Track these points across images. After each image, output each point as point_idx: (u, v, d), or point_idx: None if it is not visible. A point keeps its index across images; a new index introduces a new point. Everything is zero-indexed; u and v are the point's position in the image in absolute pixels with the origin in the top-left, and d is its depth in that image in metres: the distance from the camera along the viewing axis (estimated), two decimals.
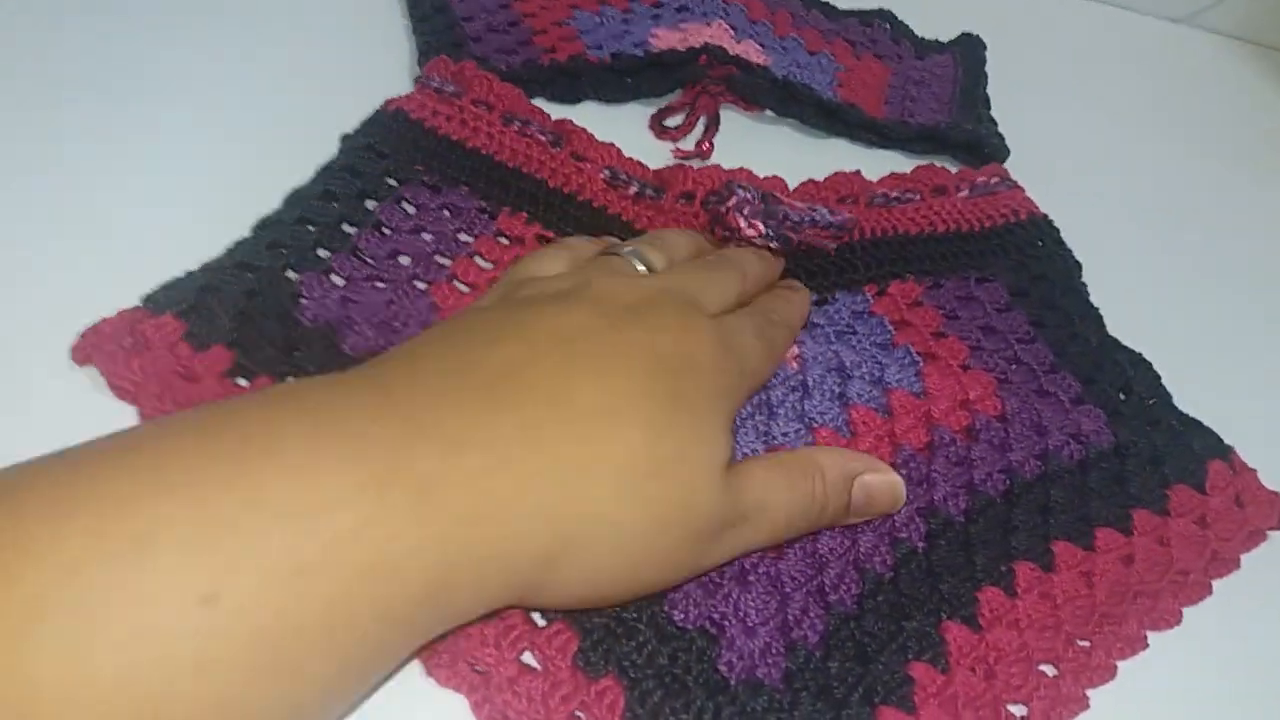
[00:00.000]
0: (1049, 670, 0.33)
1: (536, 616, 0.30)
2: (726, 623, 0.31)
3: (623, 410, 0.28)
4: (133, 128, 0.42)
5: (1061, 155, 0.55)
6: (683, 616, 0.31)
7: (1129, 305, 0.45)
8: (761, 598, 0.31)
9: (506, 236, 0.40)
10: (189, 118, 0.43)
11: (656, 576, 0.29)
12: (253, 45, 0.48)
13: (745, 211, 0.39)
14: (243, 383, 0.33)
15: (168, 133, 0.42)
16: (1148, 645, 0.34)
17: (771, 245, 0.39)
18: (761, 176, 0.45)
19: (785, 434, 0.36)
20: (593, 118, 0.47)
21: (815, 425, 0.36)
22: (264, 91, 0.45)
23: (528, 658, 0.29)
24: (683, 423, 0.29)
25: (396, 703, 0.28)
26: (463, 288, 0.38)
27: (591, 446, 0.27)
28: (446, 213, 0.40)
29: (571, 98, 0.49)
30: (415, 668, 0.29)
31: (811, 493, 0.32)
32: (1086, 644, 0.34)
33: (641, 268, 0.35)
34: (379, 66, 0.48)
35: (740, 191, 0.40)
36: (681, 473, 0.28)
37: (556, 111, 0.46)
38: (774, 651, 0.30)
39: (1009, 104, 0.56)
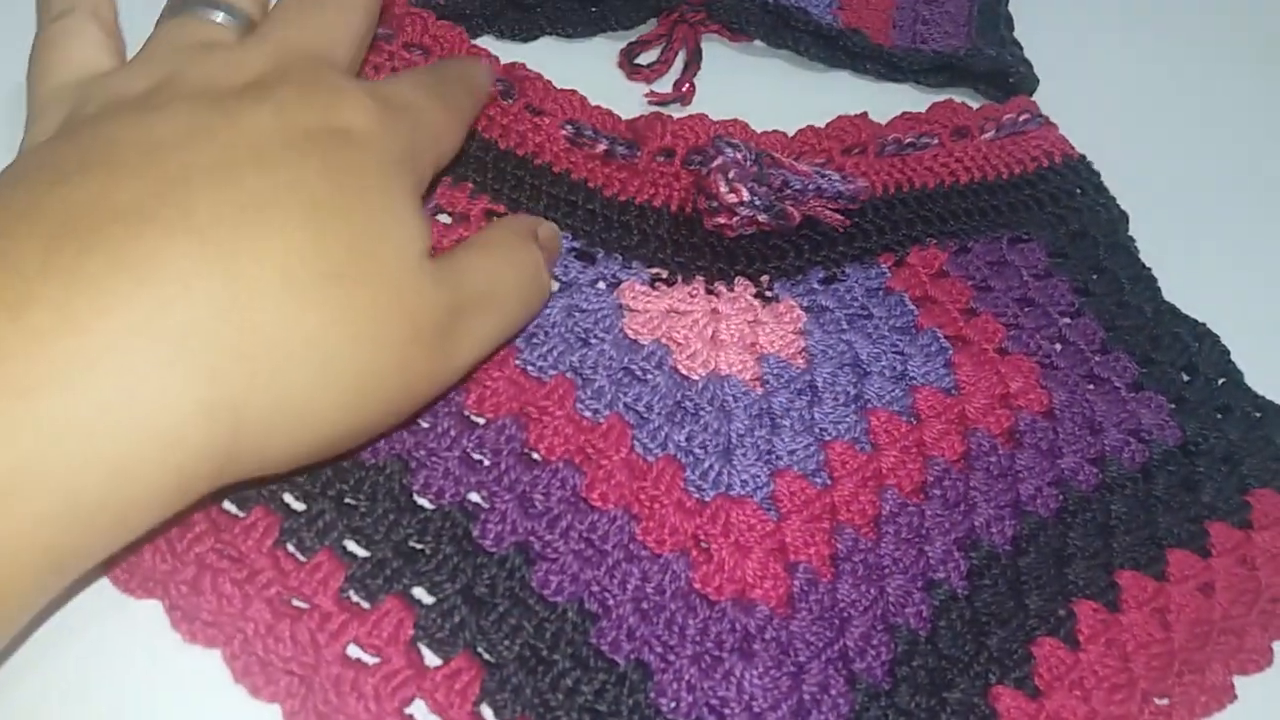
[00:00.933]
0: None
1: (489, 714, 0.24)
2: (728, 710, 0.25)
3: (269, 211, 0.22)
4: None
5: (1100, 83, 0.47)
6: (673, 705, 0.25)
7: (1186, 262, 0.38)
8: (770, 672, 0.25)
9: (448, 213, 0.33)
10: None
11: (397, 395, 0.24)
12: None
13: (730, 174, 0.32)
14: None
15: None
16: (1236, 697, 0.28)
17: (759, 218, 0.33)
18: (757, 129, 0.37)
19: (793, 452, 0.30)
20: (551, 58, 0.39)
21: (828, 439, 0.30)
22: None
23: None
24: (354, 210, 0.23)
25: None
26: None
27: (237, 263, 0.21)
28: None
29: (525, 34, 0.42)
30: None
31: (533, 262, 0.29)
32: (1165, 702, 0.28)
33: (222, 18, 0.27)
34: None
35: (728, 150, 0.33)
36: (371, 269, 0.23)
37: (507, 52, 0.38)
38: None
39: (1036, 23, 0.48)
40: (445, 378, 0.26)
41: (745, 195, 0.33)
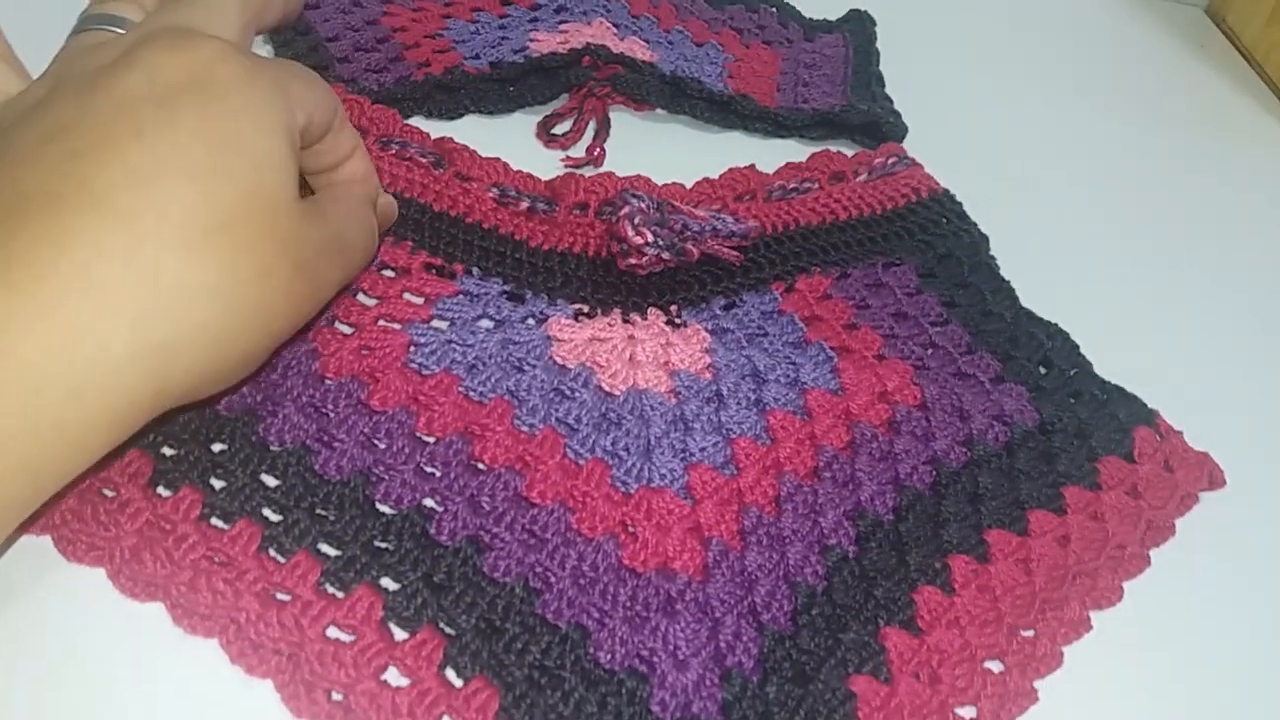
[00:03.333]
0: (995, 666, 0.32)
1: (451, 675, 0.28)
2: (656, 658, 0.29)
3: (156, 173, 0.26)
4: None
5: (959, 127, 0.54)
6: (609, 658, 0.29)
7: (1039, 273, 0.44)
8: (691, 626, 0.30)
9: (390, 268, 0.38)
10: None
11: (286, 319, 0.29)
12: None
13: (636, 220, 0.38)
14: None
15: None
16: (1092, 627, 0.33)
17: (664, 256, 0.38)
18: (659, 182, 0.43)
19: (704, 449, 0.34)
20: (476, 132, 0.45)
21: (733, 436, 0.35)
22: None
23: None
24: (231, 162, 0.27)
25: None
26: (344, 329, 0.35)
27: (132, 224, 0.25)
28: None
29: (451, 113, 0.47)
30: None
31: (370, 221, 0.34)
32: (1031, 633, 0.33)
33: (117, 31, 0.31)
34: None
35: (633, 200, 0.38)
36: (254, 214, 0.27)
37: (437, 129, 0.43)
38: (709, 683, 0.29)
39: (904, 80, 0.55)
40: (314, 305, 0.31)
41: (650, 237, 0.38)
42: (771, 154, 0.48)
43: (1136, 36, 0.69)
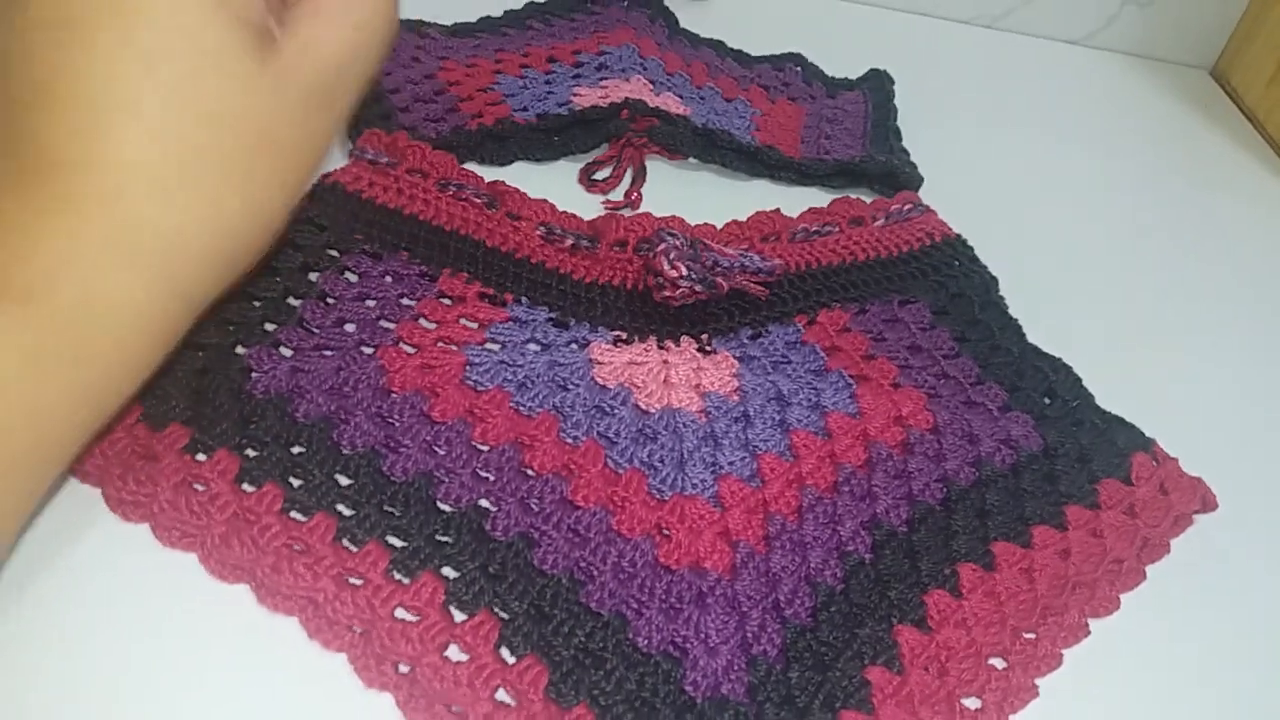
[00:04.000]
0: (999, 663, 0.34)
1: (505, 653, 0.31)
2: (689, 645, 0.32)
3: (100, 126, 0.27)
4: None
5: (972, 177, 0.58)
6: (646, 642, 0.32)
7: (1046, 313, 0.48)
8: (721, 618, 0.33)
9: (449, 297, 0.42)
10: None
11: (286, 193, 0.31)
12: None
13: (671, 256, 0.41)
14: (201, 458, 0.34)
15: None
16: (1090, 632, 0.36)
17: (696, 289, 0.41)
18: (692, 223, 0.47)
19: (732, 462, 0.38)
20: (524, 177, 0.49)
21: (759, 451, 0.38)
22: None
23: (502, 694, 0.30)
24: (189, 74, 0.28)
25: None
26: (408, 349, 0.39)
27: (106, 178, 0.27)
28: (389, 278, 0.42)
29: (502, 160, 0.51)
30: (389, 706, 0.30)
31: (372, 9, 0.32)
32: (1032, 636, 0.35)
33: None
34: None
35: (669, 238, 0.42)
36: (222, 116, 0.28)
37: (489, 174, 0.47)
38: (736, 667, 0.32)
39: (920, 133, 0.59)
40: (315, 160, 0.31)
41: (684, 271, 0.41)
42: (795, 200, 0.52)
43: (1143, 97, 0.73)
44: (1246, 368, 0.50)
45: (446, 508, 0.34)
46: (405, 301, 0.41)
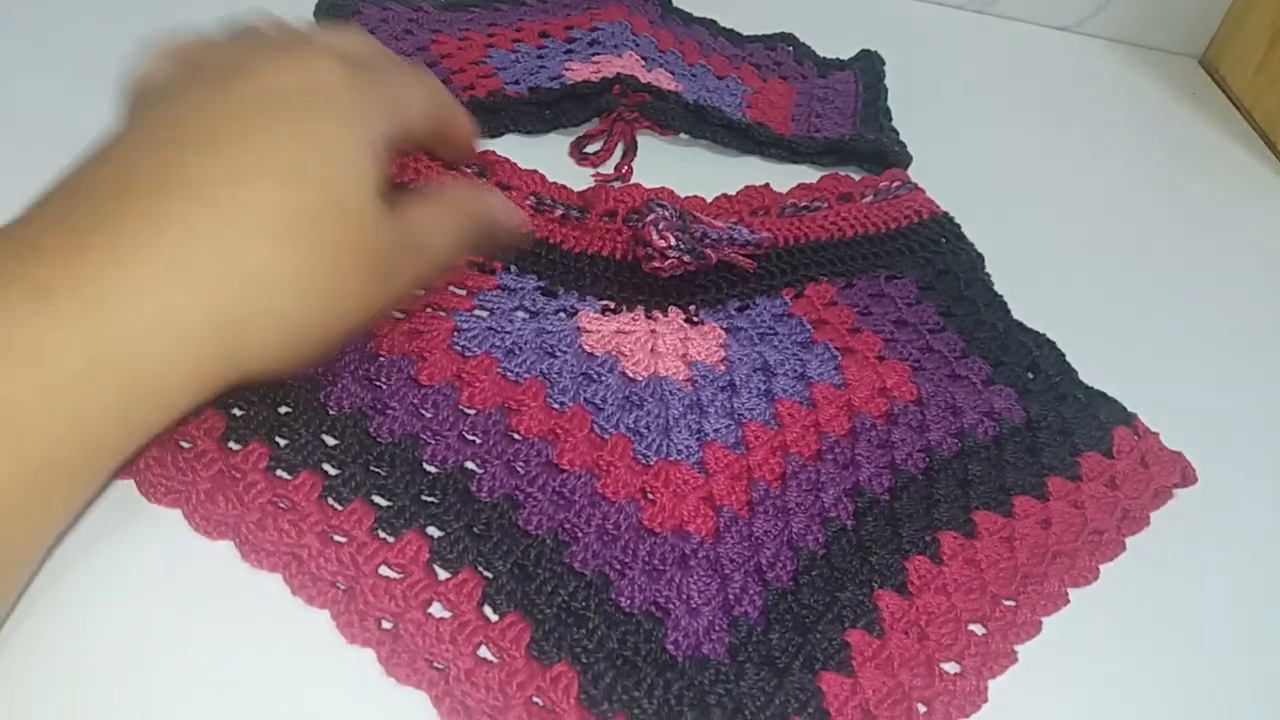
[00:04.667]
0: (978, 629, 0.35)
1: (488, 611, 0.31)
2: (671, 605, 0.32)
3: (251, 173, 0.29)
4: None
5: (960, 157, 0.58)
6: (629, 602, 0.32)
7: (1031, 290, 0.48)
8: (703, 580, 0.33)
9: None
10: None
11: (352, 313, 0.32)
12: None
13: (660, 226, 0.41)
14: (188, 416, 0.34)
15: None
16: (1069, 601, 0.36)
17: (685, 259, 0.41)
18: (681, 196, 0.47)
19: (717, 429, 0.38)
20: (515, 149, 0.49)
21: (744, 420, 0.38)
22: None
23: (484, 652, 0.31)
24: (320, 164, 0.30)
25: (358, 701, 0.29)
26: (397, 314, 0.39)
27: (224, 214, 0.28)
28: None
29: (493, 131, 0.51)
30: (373, 668, 0.30)
31: (457, 230, 0.36)
32: (1012, 603, 0.36)
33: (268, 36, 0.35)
34: None
35: (658, 209, 0.42)
36: (336, 212, 0.30)
37: (480, 145, 0.47)
38: (718, 628, 0.32)
39: (909, 115, 0.59)
40: (385, 301, 0.33)
41: (672, 241, 0.42)
42: (785, 177, 0.52)
43: (1132, 83, 0.73)
44: (1229, 349, 0.50)
45: (432, 469, 0.35)
46: None
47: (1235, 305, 0.53)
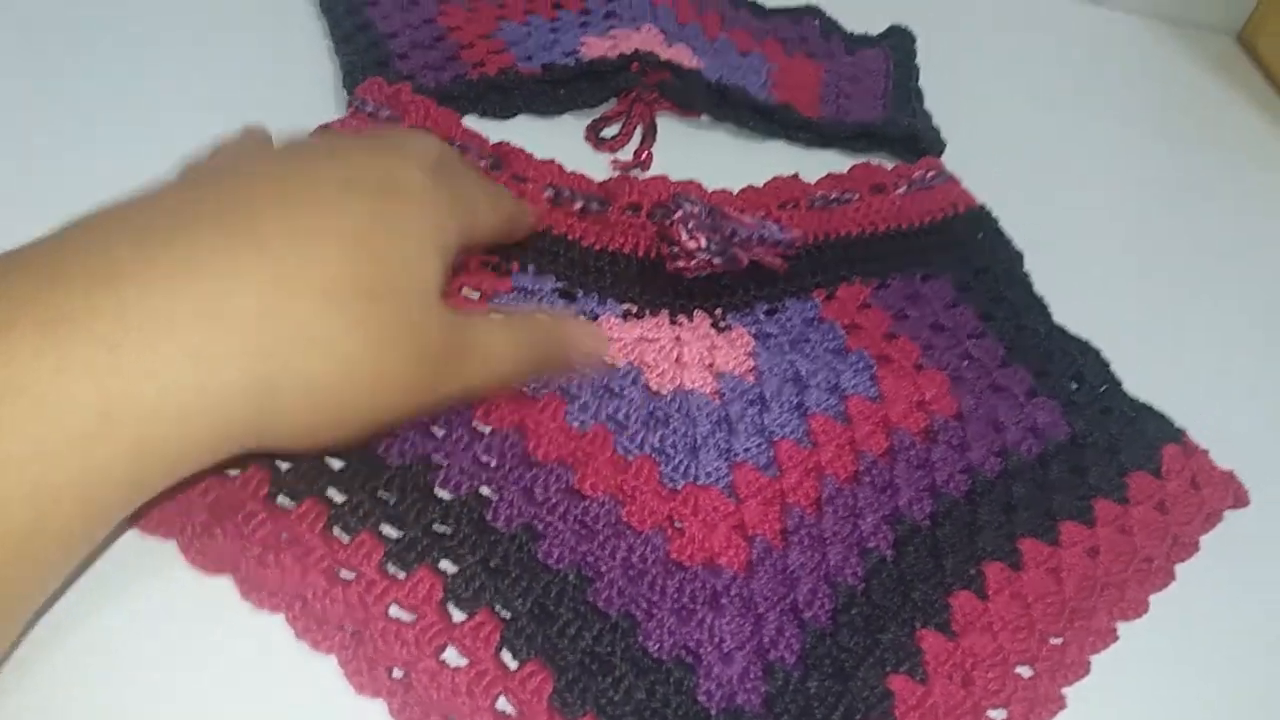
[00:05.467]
0: (1025, 671, 0.33)
1: (507, 657, 0.29)
2: (702, 650, 0.30)
3: (315, 235, 0.27)
4: (38, 160, 0.40)
5: (997, 143, 0.55)
6: (657, 647, 0.30)
7: (1072, 291, 0.45)
8: (736, 620, 0.31)
9: None
10: (106, 151, 0.41)
11: (392, 401, 0.29)
12: (168, 75, 0.46)
13: (690, 225, 0.39)
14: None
15: (76, 170, 0.40)
16: (1118, 638, 0.34)
17: (714, 260, 0.39)
18: (709, 189, 0.44)
19: (747, 449, 0.35)
20: (528, 132, 0.46)
21: (776, 438, 0.36)
22: (184, 123, 0.43)
23: (502, 703, 0.28)
24: (387, 248, 0.28)
25: None
26: None
27: (283, 268, 0.26)
28: None
29: (505, 112, 0.48)
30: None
31: (528, 360, 0.34)
32: (1059, 641, 0.34)
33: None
34: (301, 88, 0.47)
35: (687, 205, 0.39)
36: (393, 295, 0.28)
37: (490, 127, 0.45)
38: (752, 676, 0.30)
39: (942, 95, 0.56)
40: (432, 402, 0.31)
41: (702, 242, 0.39)
42: (812, 163, 0.49)
43: (1168, 61, 0.70)
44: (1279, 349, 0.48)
45: (445, 494, 0.32)
46: None
47: None
